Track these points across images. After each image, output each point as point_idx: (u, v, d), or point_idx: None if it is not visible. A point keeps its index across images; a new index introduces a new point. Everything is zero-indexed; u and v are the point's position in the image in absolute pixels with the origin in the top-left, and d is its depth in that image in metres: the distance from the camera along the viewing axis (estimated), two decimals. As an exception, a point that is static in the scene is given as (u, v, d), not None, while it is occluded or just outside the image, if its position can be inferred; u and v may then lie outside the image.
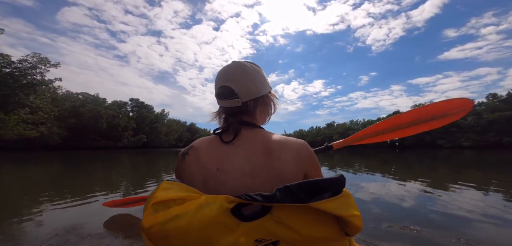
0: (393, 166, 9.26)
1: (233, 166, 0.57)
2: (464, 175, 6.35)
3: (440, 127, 1.27)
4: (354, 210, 0.47)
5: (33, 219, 2.49)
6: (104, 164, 10.22)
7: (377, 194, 3.73)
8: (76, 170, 7.74)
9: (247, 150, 0.59)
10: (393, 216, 2.61)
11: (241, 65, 0.64)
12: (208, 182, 0.56)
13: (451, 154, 19.88)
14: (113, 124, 41.68)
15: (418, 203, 3.23)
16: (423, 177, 5.81)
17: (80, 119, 36.30)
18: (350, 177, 5.71)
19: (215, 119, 0.70)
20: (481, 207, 2.96)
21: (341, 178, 0.49)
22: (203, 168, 0.58)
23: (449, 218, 2.52)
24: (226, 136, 0.62)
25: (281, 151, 0.58)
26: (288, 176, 0.55)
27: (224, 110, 0.67)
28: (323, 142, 1.35)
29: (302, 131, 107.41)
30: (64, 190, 4.04)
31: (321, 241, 0.47)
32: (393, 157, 15.51)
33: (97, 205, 3.01)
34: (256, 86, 0.64)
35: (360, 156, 15.98)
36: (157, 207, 0.45)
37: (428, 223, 2.34)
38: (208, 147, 0.61)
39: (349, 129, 78.85)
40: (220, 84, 0.64)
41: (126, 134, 44.91)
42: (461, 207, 2.94)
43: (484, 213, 2.67)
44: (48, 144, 30.17)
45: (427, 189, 4.21)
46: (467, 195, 3.63)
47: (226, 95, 0.63)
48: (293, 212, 0.45)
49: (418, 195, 3.75)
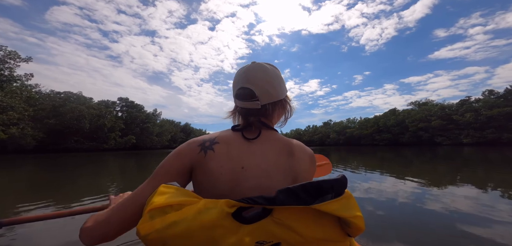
0: (392, 164, 9.23)
1: (257, 164, 0.57)
2: (467, 173, 6.16)
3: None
4: (356, 211, 0.47)
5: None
6: (77, 168, 9.41)
7: (377, 194, 3.74)
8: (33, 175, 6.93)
9: (270, 149, 0.59)
10: (394, 216, 2.66)
11: (262, 67, 0.64)
12: (233, 179, 0.55)
13: (451, 151, 19.70)
14: (98, 125, 39.13)
15: (419, 202, 3.24)
16: (424, 175, 5.71)
17: (60, 120, 33.72)
18: (348, 176, 6.53)
19: (230, 117, 0.70)
20: (484, 206, 2.96)
21: (343, 179, 0.48)
22: (231, 163, 0.57)
23: (451, 217, 2.55)
24: (248, 133, 0.62)
25: (301, 153, 0.61)
26: (304, 177, 0.58)
27: (241, 111, 0.65)
28: (320, 141, 0.86)
29: (299, 130, 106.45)
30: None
31: (322, 243, 0.47)
32: (392, 155, 15.42)
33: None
34: (275, 89, 0.64)
35: (358, 155, 15.74)
36: (154, 214, 0.43)
37: (429, 222, 2.36)
38: (233, 143, 0.60)
39: (346, 127, 77.35)
40: (241, 85, 0.63)
41: (113, 135, 42.40)
42: (464, 205, 2.97)
43: (488, 212, 2.67)
44: (23, 147, 27.65)
45: (427, 188, 4.20)
46: (470, 194, 3.57)
47: (246, 97, 0.62)
48: (295, 213, 0.45)
49: (418, 194, 3.71)
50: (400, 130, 56.16)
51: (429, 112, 50.47)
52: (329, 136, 79.31)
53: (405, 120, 54.76)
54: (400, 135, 55.83)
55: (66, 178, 6.44)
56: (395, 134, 56.93)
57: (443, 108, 50.01)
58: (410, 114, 55.00)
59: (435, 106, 52.87)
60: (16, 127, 26.31)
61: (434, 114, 49.21)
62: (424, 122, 49.89)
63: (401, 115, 58.31)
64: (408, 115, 55.61)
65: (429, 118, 49.46)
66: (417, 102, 61.48)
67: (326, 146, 74.61)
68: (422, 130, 50.28)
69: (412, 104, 62.04)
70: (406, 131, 54.03)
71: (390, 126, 58.29)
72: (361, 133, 66.35)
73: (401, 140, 55.36)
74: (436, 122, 47.42)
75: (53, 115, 33.25)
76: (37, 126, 30.33)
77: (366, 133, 64.47)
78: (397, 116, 59.04)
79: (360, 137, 66.66)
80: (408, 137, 53.09)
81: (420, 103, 59.89)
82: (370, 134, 63.49)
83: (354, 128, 72.30)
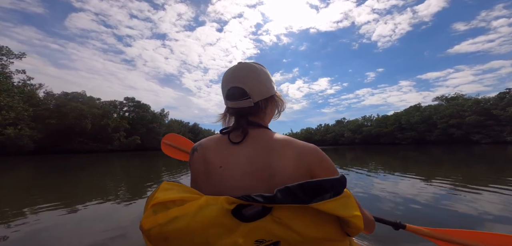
0: (414, 164, 8.62)
1: (236, 165, 0.57)
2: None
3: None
4: (355, 210, 0.47)
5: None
6: (72, 171, 8.72)
7: (379, 193, 3.73)
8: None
9: (251, 149, 0.59)
10: (396, 216, 2.52)
11: (250, 66, 0.64)
12: (211, 179, 0.58)
13: (491, 150, 16.83)
14: (101, 125, 37.79)
15: (429, 202, 3.12)
16: (437, 175, 5.41)
17: (62, 120, 32.60)
18: (360, 177, 5.49)
19: (221, 120, 0.70)
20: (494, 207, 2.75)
21: (342, 178, 0.48)
22: (208, 164, 0.60)
23: (461, 220, 2.40)
24: (234, 135, 0.62)
25: (282, 149, 0.57)
26: (286, 173, 0.54)
27: (233, 111, 0.65)
28: (334, 140, 0.83)
29: (310, 129, 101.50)
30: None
31: (322, 242, 0.47)
32: (416, 154, 14.14)
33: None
34: (266, 86, 0.65)
35: (376, 155, 14.57)
36: (157, 208, 0.45)
37: (433, 224, 2.17)
38: (214, 146, 0.63)
39: (362, 125, 71.52)
40: (230, 86, 0.63)
41: (117, 136, 41.04)
42: (474, 207, 2.79)
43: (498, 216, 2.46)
44: (21, 149, 26.43)
45: (439, 187, 4.07)
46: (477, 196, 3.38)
47: (237, 96, 0.62)
48: (294, 212, 0.45)
49: (433, 194, 3.60)
50: (426, 127, 50.36)
51: (462, 107, 44.47)
52: (344, 135, 74.15)
53: (433, 116, 48.94)
54: (427, 133, 50.01)
55: (54, 181, 6.04)
56: (421, 131, 51.18)
57: (478, 103, 43.82)
58: (438, 110, 49.05)
59: (468, 100, 46.56)
60: (13, 128, 24.92)
61: (468, 109, 43.19)
62: (456, 118, 44.01)
63: (427, 111, 52.36)
64: (435, 111, 49.69)
65: (462, 114, 43.52)
66: (445, 97, 55.14)
67: (340, 145, 69.78)
68: (453, 126, 44.38)
69: (438, 100, 55.77)
70: (434, 128, 48.21)
71: (415, 123, 52.56)
72: (380, 131, 61.03)
73: (428, 138, 49.58)
74: (471, 118, 41.49)
75: (55, 115, 32.13)
76: (38, 126, 29.05)
77: (386, 130, 59.10)
78: (422, 112, 53.15)
79: (379, 135, 61.30)
80: (436, 134, 47.31)
81: (448, 98, 53.57)
82: (390, 132, 58.03)
83: (371, 126, 66.80)
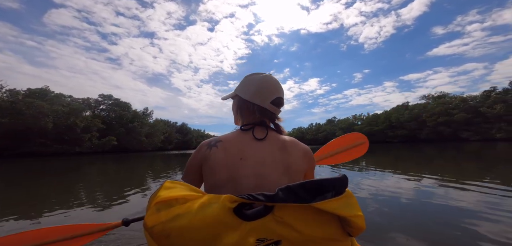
0: (407, 162, 8.71)
1: (253, 155, 0.65)
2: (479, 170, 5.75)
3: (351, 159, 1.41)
4: (356, 210, 0.47)
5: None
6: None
7: (379, 193, 3.65)
8: None
9: (269, 145, 0.68)
10: (396, 216, 2.53)
11: (278, 81, 0.78)
12: (231, 169, 0.62)
13: (480, 147, 17.14)
14: (68, 124, 33.06)
15: (425, 201, 3.10)
16: (433, 173, 5.42)
17: (18, 119, 27.75)
18: (354, 175, 5.48)
19: (238, 116, 0.78)
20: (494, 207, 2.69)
21: (344, 178, 0.49)
22: (229, 156, 0.64)
23: (460, 218, 2.35)
24: (257, 132, 0.70)
25: (292, 148, 0.69)
26: (295, 169, 0.65)
27: (260, 111, 0.72)
28: (325, 139, 0.97)
29: (301, 129, 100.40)
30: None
31: (323, 241, 0.47)
32: (409, 152, 14.34)
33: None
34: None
35: (369, 153, 14.63)
36: (160, 206, 0.46)
37: (434, 223, 2.20)
38: (236, 140, 0.69)
39: (352, 124, 71.55)
40: (277, 95, 0.74)
41: (88, 136, 36.38)
42: (471, 206, 2.79)
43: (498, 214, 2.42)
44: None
45: (435, 185, 4.02)
46: (474, 195, 3.35)
47: (279, 105, 0.75)
48: (296, 211, 0.46)
49: (424, 192, 3.57)
50: (416, 125, 50.52)
51: (449, 106, 44.84)
52: (335, 134, 73.60)
53: (422, 114, 49.11)
54: (417, 131, 50.16)
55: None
56: (411, 129, 51.29)
57: (464, 101, 44.39)
58: (426, 108, 49.34)
59: (455, 98, 47.22)
60: None
61: (455, 107, 43.57)
62: (444, 116, 44.25)
63: (415, 109, 52.67)
64: (423, 109, 49.96)
65: (450, 112, 43.83)
66: (431, 95, 55.96)
67: (331, 144, 69.20)
68: (442, 124, 44.61)
69: (425, 98, 56.50)
70: (424, 126, 48.37)
71: (404, 121, 52.63)
72: (371, 130, 60.96)
73: (419, 136, 49.68)
74: (459, 116, 41.79)
75: (7, 113, 27.21)
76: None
77: (377, 129, 58.98)
78: (411, 110, 53.41)
79: (370, 134, 61.14)
80: (427, 132, 47.43)
81: (434, 97, 54.33)
82: (381, 130, 57.99)
83: (362, 125, 66.71)
